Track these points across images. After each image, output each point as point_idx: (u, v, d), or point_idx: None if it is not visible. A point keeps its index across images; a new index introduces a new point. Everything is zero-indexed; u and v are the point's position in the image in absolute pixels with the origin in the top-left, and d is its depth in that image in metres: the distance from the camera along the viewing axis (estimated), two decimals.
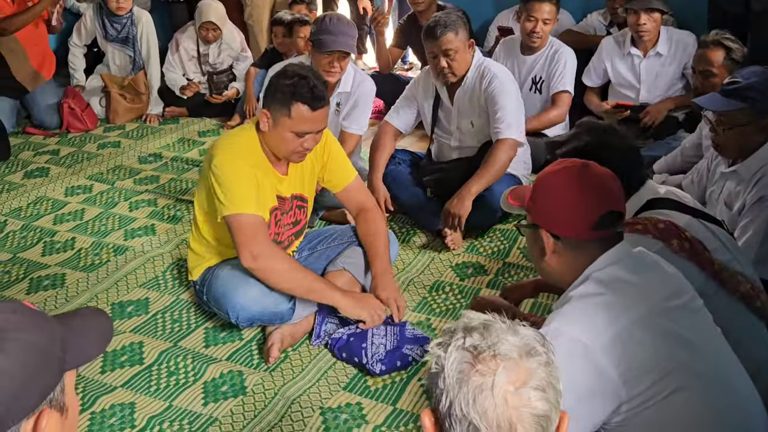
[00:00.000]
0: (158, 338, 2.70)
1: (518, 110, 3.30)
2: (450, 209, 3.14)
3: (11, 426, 1.00)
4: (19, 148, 4.61)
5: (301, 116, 2.45)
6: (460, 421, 1.02)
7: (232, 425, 2.28)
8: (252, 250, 2.46)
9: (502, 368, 1.02)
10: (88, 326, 1.16)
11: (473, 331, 1.06)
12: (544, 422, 1.03)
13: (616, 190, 1.67)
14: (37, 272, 3.17)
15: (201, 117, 5.14)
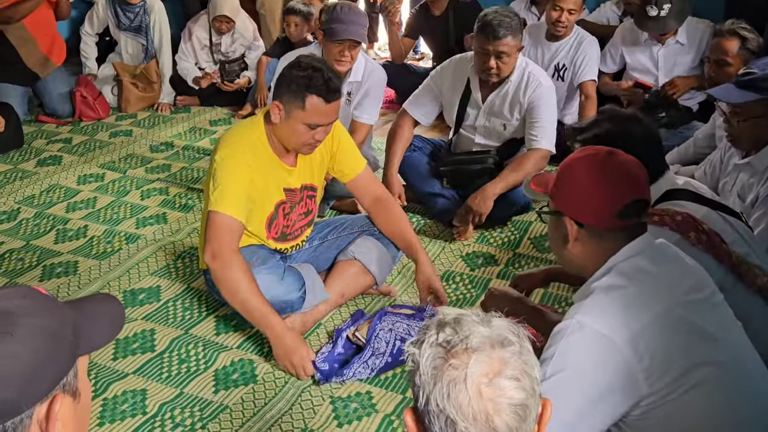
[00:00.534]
0: (169, 326, 2.71)
1: (555, 121, 3.30)
2: (472, 206, 3.14)
3: (25, 410, 1.00)
4: (32, 136, 4.64)
5: (315, 108, 2.44)
6: (437, 416, 1.02)
7: (243, 413, 2.29)
8: (214, 249, 2.44)
9: (474, 360, 1.02)
10: (100, 312, 1.17)
11: (445, 326, 1.06)
12: (522, 411, 1.02)
13: (642, 179, 1.65)
14: (50, 259, 3.19)
15: (212, 106, 5.15)
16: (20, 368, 0.98)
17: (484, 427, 1.01)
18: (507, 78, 3.24)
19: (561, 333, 1.54)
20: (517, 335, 1.07)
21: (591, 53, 4.03)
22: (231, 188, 2.46)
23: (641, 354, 1.49)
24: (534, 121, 3.22)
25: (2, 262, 3.18)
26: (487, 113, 3.35)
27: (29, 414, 1.01)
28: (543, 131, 3.20)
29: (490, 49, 3.15)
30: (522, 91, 3.25)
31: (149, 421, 2.26)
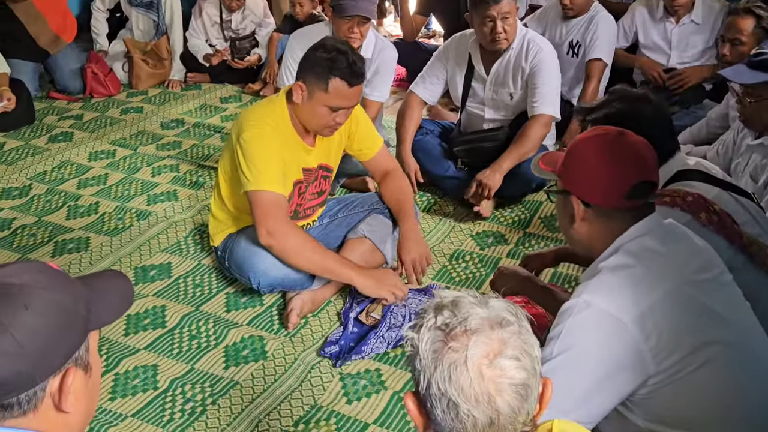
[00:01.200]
0: (180, 302, 2.73)
1: (558, 86, 3.27)
2: (481, 179, 3.13)
3: (39, 383, 1.02)
4: (43, 113, 4.65)
5: (338, 91, 2.44)
6: (439, 399, 1.03)
7: (253, 389, 2.31)
8: (268, 227, 2.46)
9: (474, 342, 1.02)
10: (110, 288, 1.19)
11: (443, 309, 1.07)
12: (523, 390, 1.03)
13: (651, 160, 1.65)
14: (62, 236, 3.21)
15: (223, 83, 5.14)
16: (36, 340, 1.00)
17: (486, 408, 1.02)
18: (508, 46, 3.23)
19: (568, 312, 1.54)
20: (515, 315, 1.07)
21: (602, 30, 3.90)
22: (267, 165, 2.47)
23: (648, 333, 1.49)
24: (535, 87, 3.20)
25: (14, 237, 3.21)
26: (493, 84, 3.34)
27: (42, 387, 1.03)
28: (543, 97, 3.18)
29: (494, 15, 3.14)
30: (523, 57, 3.24)
31: (160, 396, 2.29)
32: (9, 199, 3.56)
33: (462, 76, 3.42)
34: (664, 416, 1.56)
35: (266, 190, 2.47)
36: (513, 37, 3.22)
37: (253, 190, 2.48)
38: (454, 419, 1.03)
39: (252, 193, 2.48)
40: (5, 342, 0.99)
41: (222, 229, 2.75)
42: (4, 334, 0.99)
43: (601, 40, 3.88)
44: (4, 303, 1.01)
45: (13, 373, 0.99)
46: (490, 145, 3.33)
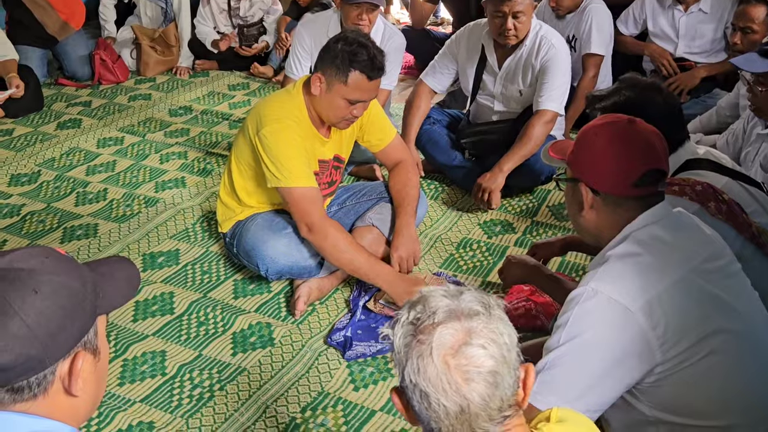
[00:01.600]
0: (188, 289, 2.74)
1: (566, 83, 3.22)
2: (482, 183, 3.13)
3: (48, 366, 1.04)
4: (52, 99, 4.66)
5: (357, 84, 2.43)
6: (413, 391, 1.06)
7: (261, 375, 2.32)
8: (308, 222, 2.48)
9: (439, 333, 1.05)
10: (117, 273, 1.19)
11: (416, 305, 1.10)
12: (492, 378, 1.05)
13: (661, 149, 1.64)
14: (71, 222, 3.22)
15: (231, 70, 5.14)
16: (46, 323, 1.01)
17: (455, 397, 1.04)
18: (522, 42, 3.20)
19: (575, 300, 1.55)
20: (484, 305, 1.09)
21: (596, 23, 3.78)
22: (293, 160, 2.48)
23: (656, 321, 1.49)
24: (542, 83, 3.17)
25: (24, 224, 3.22)
26: (503, 79, 3.31)
27: (52, 370, 1.04)
28: (550, 93, 3.15)
29: (506, 11, 3.09)
30: (534, 55, 3.20)
31: (168, 382, 2.30)
32: (18, 185, 3.58)
33: (474, 67, 3.38)
34: (670, 404, 1.56)
35: (300, 187, 2.48)
36: (524, 34, 3.17)
37: (284, 187, 2.49)
38: (428, 409, 1.06)
39: (286, 190, 2.49)
40: (15, 325, 1.00)
41: (230, 216, 2.75)
42: (13, 318, 1.00)
43: (594, 34, 3.78)
44: (13, 287, 1.01)
45: (23, 356, 1.00)
46: (498, 137, 3.32)
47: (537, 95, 3.18)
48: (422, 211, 2.93)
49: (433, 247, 2.98)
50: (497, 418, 1.06)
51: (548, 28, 3.28)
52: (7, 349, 0.99)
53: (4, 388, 1.02)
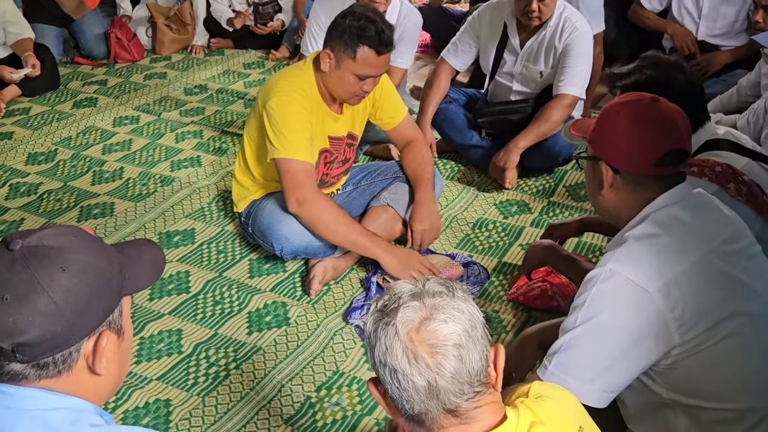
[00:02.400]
0: (204, 268, 2.75)
1: (588, 67, 3.17)
2: (495, 162, 3.11)
3: (74, 344, 1.05)
4: (68, 78, 4.67)
5: (366, 60, 2.42)
6: (384, 372, 1.10)
7: (276, 354, 2.33)
8: (298, 196, 2.47)
9: (402, 312, 1.10)
10: (143, 255, 1.20)
11: (384, 295, 1.15)
12: (456, 351, 1.08)
13: (683, 129, 1.62)
14: (87, 201, 3.24)
15: (246, 49, 5.12)
16: (72, 301, 1.03)
17: (423, 370, 1.07)
18: (545, 23, 3.16)
19: (592, 281, 1.53)
20: (448, 287, 1.13)
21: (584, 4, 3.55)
22: (295, 133, 2.47)
23: (674, 303, 1.48)
24: (564, 66, 3.13)
25: (41, 202, 3.24)
26: (524, 60, 3.27)
27: (77, 348, 1.06)
28: (571, 77, 3.11)
29: None
30: (558, 36, 3.16)
31: (184, 360, 2.31)
32: (35, 164, 3.60)
33: (494, 46, 3.34)
34: (687, 387, 1.55)
35: (295, 159, 2.47)
36: (548, 16, 3.13)
37: (282, 158, 2.47)
38: (399, 388, 1.09)
39: (280, 161, 2.48)
40: (42, 302, 1.01)
41: (246, 196, 2.75)
42: (41, 295, 1.01)
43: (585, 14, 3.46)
44: (42, 265, 1.03)
45: (49, 332, 1.02)
46: (516, 117, 3.28)
47: (558, 78, 3.15)
48: (438, 190, 2.92)
49: (448, 228, 2.97)
50: (468, 393, 1.09)
51: (572, 10, 3.22)
52: (35, 325, 1.01)
53: (30, 364, 1.04)
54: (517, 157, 3.10)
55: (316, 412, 2.12)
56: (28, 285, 1.01)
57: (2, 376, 1.04)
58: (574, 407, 1.23)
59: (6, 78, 4.18)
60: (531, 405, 1.15)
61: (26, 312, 1.00)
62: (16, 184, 3.41)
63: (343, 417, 2.10)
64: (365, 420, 2.09)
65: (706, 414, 1.56)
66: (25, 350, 1.01)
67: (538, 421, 1.12)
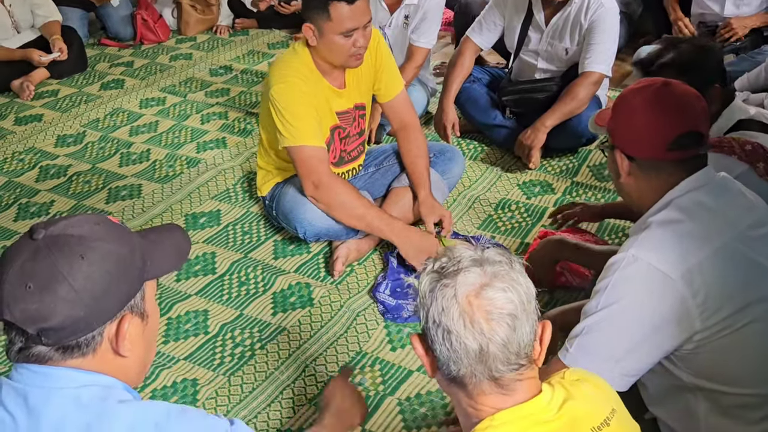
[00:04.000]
0: (229, 249, 2.79)
1: (614, 44, 3.13)
2: (523, 140, 3.11)
3: (96, 328, 1.10)
4: (95, 60, 4.72)
5: (341, 15, 2.39)
6: (436, 330, 1.12)
7: (300, 335, 2.37)
8: (313, 181, 2.49)
9: (463, 276, 1.11)
10: (166, 241, 1.24)
11: (442, 256, 1.17)
12: (511, 320, 1.10)
13: (698, 110, 1.60)
14: (115, 183, 3.29)
15: (271, 29, 5.14)
16: (92, 287, 1.07)
17: (477, 335, 1.09)
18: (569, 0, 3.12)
19: (615, 266, 1.54)
20: (507, 258, 1.15)
21: None
22: (301, 119, 2.48)
23: (696, 289, 1.47)
24: (589, 44, 3.09)
25: (70, 184, 3.30)
26: (549, 37, 3.24)
27: (100, 331, 1.11)
28: (597, 54, 3.07)
29: None
30: (584, 13, 3.12)
31: (211, 341, 2.36)
32: (64, 146, 3.65)
33: (519, 23, 3.30)
34: (709, 371, 1.55)
35: (305, 146, 2.48)
36: None
37: (292, 146, 2.49)
38: (449, 349, 1.11)
39: (292, 149, 2.50)
40: (63, 289, 1.05)
41: (269, 179, 2.78)
42: (62, 283, 1.06)
43: None
44: (62, 254, 1.07)
45: (70, 317, 1.06)
46: (541, 95, 3.25)
47: (584, 56, 3.11)
48: (458, 171, 2.92)
49: (471, 208, 2.98)
50: (513, 363, 1.11)
51: None
52: (57, 311, 1.05)
53: (55, 347, 1.08)
54: (544, 136, 3.09)
55: None
56: (49, 273, 1.06)
57: (29, 358, 1.09)
58: (608, 392, 1.25)
59: (35, 61, 4.24)
60: (566, 385, 1.18)
61: (48, 299, 1.05)
62: (45, 166, 3.47)
63: (366, 397, 2.13)
64: (388, 400, 2.12)
65: (727, 399, 1.56)
66: (49, 334, 1.06)
67: (572, 398, 1.15)
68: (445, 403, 2.11)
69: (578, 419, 1.13)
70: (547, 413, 1.12)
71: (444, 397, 2.12)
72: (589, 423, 1.14)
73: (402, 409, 2.10)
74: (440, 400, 2.12)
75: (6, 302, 1.05)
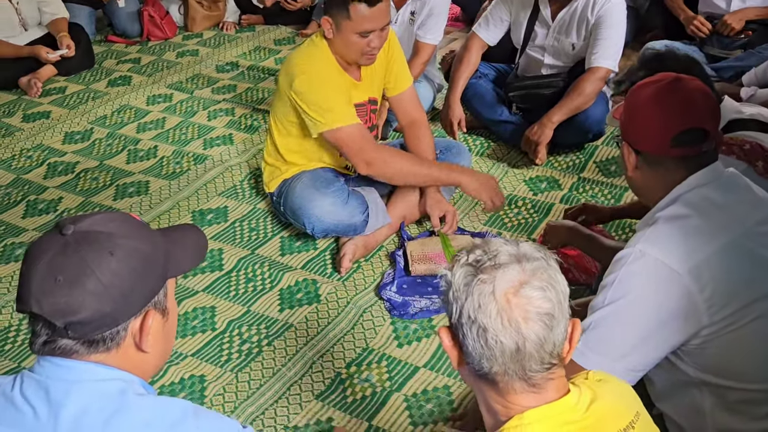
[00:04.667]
0: (237, 245, 2.80)
1: (621, 39, 3.12)
2: (529, 136, 3.11)
3: (121, 323, 1.13)
4: (102, 56, 4.73)
5: (361, 15, 2.42)
6: (470, 327, 1.09)
7: (307, 331, 2.38)
8: (365, 159, 2.53)
9: (502, 272, 1.09)
10: (187, 240, 1.27)
11: (476, 249, 1.14)
12: (548, 320, 1.08)
13: (705, 108, 1.60)
14: (123, 179, 3.30)
15: (277, 25, 5.14)
16: (119, 284, 1.10)
17: (513, 334, 1.07)
18: None
19: (622, 261, 1.54)
20: (542, 253, 1.13)
21: None
22: (332, 101, 2.51)
23: (704, 284, 1.48)
24: (596, 39, 3.08)
25: (78, 181, 3.31)
26: (556, 32, 3.23)
27: (125, 326, 1.13)
28: (604, 49, 3.06)
29: None
30: (590, 8, 3.11)
31: (218, 337, 2.37)
32: (72, 143, 3.67)
33: (526, 18, 3.29)
34: (715, 367, 1.55)
35: (343, 126, 2.51)
36: None
37: (329, 129, 2.51)
38: (483, 346, 1.09)
39: (329, 132, 2.52)
40: (91, 283, 1.08)
41: (276, 176, 2.78)
42: (90, 277, 1.08)
43: None
44: (92, 249, 1.09)
45: (98, 311, 1.08)
46: (548, 91, 3.25)
47: (590, 51, 3.10)
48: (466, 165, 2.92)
49: (477, 205, 2.97)
50: (546, 363, 1.10)
51: None
52: (85, 305, 1.07)
53: (80, 341, 1.10)
54: (551, 132, 3.08)
55: (346, 388, 2.17)
56: (78, 268, 1.08)
57: (55, 351, 1.11)
58: (631, 394, 1.25)
59: (42, 58, 4.25)
60: (592, 386, 1.17)
61: (77, 293, 1.07)
62: (54, 163, 3.48)
63: (373, 393, 2.15)
64: (394, 396, 2.13)
65: (733, 394, 1.57)
66: (76, 328, 1.08)
67: (598, 399, 1.15)
68: (451, 399, 2.11)
69: (605, 420, 1.13)
70: (575, 413, 1.12)
71: (450, 393, 2.13)
72: (615, 425, 1.14)
73: (409, 405, 2.10)
74: (446, 396, 2.12)
75: (35, 295, 1.07)
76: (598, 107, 3.11)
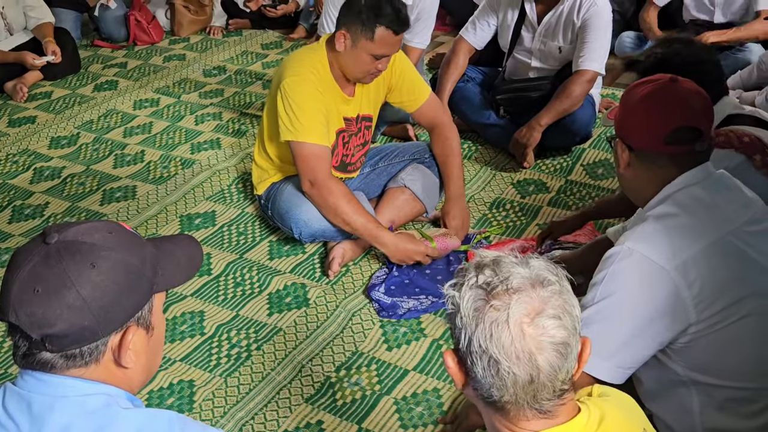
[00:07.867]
0: (225, 250, 2.79)
1: (607, 42, 3.14)
2: (518, 139, 3.12)
3: (101, 337, 1.09)
4: (88, 61, 4.71)
5: (384, 40, 2.43)
6: (480, 357, 1.04)
7: (296, 335, 2.37)
8: (311, 178, 2.51)
9: (516, 301, 1.03)
10: (179, 252, 1.22)
11: (485, 268, 1.07)
12: (564, 349, 1.04)
13: (699, 108, 1.62)
14: (110, 184, 3.29)
15: (264, 29, 5.14)
16: (100, 297, 1.06)
17: (527, 366, 1.03)
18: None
19: (611, 259, 1.55)
20: (556, 275, 1.08)
21: None
22: (309, 115, 2.49)
23: (691, 281, 1.49)
24: (583, 42, 3.10)
25: (65, 186, 3.30)
26: (542, 35, 3.25)
27: (104, 341, 1.09)
28: (591, 52, 3.08)
29: None
30: (576, 11, 3.13)
31: (207, 342, 2.36)
32: (58, 148, 3.65)
33: (513, 21, 3.32)
34: (704, 365, 1.56)
35: (307, 142, 2.49)
36: None
37: (296, 141, 2.50)
38: (494, 376, 1.04)
39: (295, 144, 2.51)
40: (71, 296, 1.04)
41: (265, 178, 2.78)
42: (70, 290, 1.04)
43: None
44: (74, 261, 1.06)
45: (76, 325, 1.05)
46: (535, 94, 3.26)
47: (577, 54, 3.12)
48: None
49: None
50: (558, 390, 1.07)
51: None
52: (62, 318, 1.04)
53: (59, 354, 1.07)
54: (539, 135, 3.10)
55: (335, 391, 2.17)
56: (58, 279, 1.05)
57: (34, 365, 1.08)
58: (636, 409, 1.24)
59: (29, 64, 4.23)
60: (598, 403, 1.15)
61: (55, 305, 1.04)
62: (40, 168, 3.46)
63: (362, 396, 2.14)
64: (384, 399, 2.13)
65: (721, 392, 1.58)
66: (53, 341, 1.05)
67: (606, 417, 1.12)
68: (440, 402, 2.12)
69: None
70: None
71: (440, 396, 2.13)
72: None
73: (398, 408, 2.10)
74: (436, 399, 2.13)
75: (12, 304, 1.05)
76: (585, 110, 3.13)
